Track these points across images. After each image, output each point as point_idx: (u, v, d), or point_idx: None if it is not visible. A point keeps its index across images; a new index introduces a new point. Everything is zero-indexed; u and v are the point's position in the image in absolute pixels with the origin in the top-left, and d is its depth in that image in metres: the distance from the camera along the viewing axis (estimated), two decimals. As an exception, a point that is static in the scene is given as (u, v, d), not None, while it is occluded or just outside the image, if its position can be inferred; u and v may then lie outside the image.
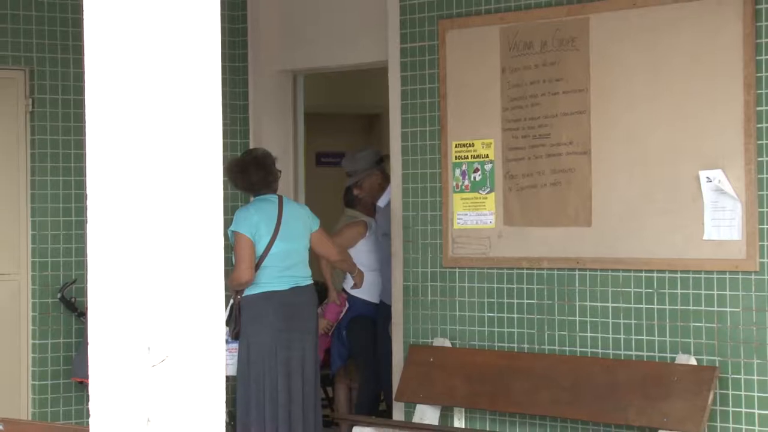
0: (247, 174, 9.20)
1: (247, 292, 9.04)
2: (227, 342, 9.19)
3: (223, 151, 4.40)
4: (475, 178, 9.37)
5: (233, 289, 9.07)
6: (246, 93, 10.84)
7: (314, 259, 9.47)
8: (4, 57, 9.95)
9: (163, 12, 4.32)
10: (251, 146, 10.70)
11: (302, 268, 9.17)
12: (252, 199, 9.35)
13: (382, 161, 10.17)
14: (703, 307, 8.32)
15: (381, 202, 10.04)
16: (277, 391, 8.96)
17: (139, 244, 4.30)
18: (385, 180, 10.09)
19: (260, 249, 9.00)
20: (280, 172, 9.41)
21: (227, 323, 9.07)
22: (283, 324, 9.03)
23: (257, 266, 9.01)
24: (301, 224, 9.18)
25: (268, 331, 9.01)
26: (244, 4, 10.87)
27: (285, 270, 9.08)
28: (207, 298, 4.39)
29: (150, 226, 4.30)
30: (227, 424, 4.82)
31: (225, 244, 4.35)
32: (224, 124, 4.49)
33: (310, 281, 9.21)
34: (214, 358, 4.38)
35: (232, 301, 9.13)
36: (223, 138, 4.42)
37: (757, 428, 8.11)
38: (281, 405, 8.97)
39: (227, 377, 9.47)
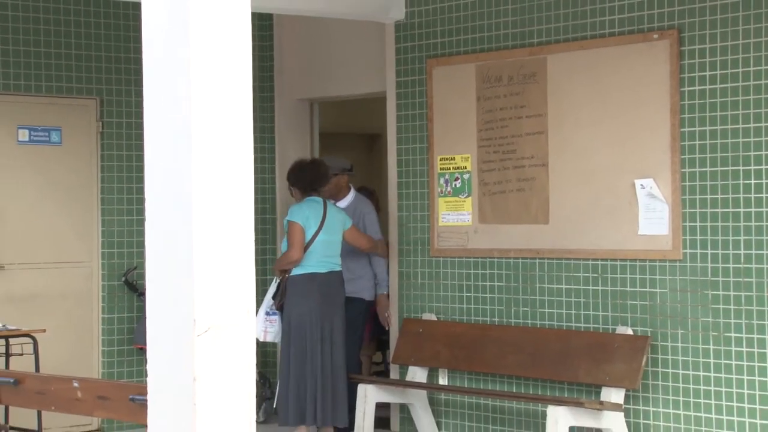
0: (304, 172, 9.31)
1: (294, 272, 9.11)
2: (269, 314, 9.22)
3: (254, 164, 4.39)
4: (455, 185, 9.37)
5: (284, 267, 9.15)
6: (272, 117, 10.84)
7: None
8: (80, 88, 9.96)
9: (206, 52, 4.32)
10: (277, 160, 10.74)
11: (336, 256, 9.25)
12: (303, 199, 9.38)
13: (350, 170, 10.10)
14: (638, 288, 8.32)
15: (342, 204, 9.96)
16: (314, 352, 9.01)
17: (187, 238, 4.30)
18: (347, 186, 10.03)
19: (307, 237, 9.07)
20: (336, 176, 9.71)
21: (274, 297, 9.14)
22: (321, 300, 9.10)
23: (304, 251, 9.08)
24: (338, 222, 9.25)
25: (310, 304, 9.08)
26: (271, 46, 10.87)
27: (324, 257, 9.16)
28: (240, 281, 4.38)
29: (195, 224, 4.29)
30: (256, 382, 4.80)
31: (259, 238, 4.38)
32: (254, 141, 4.48)
33: (340, 267, 9.25)
34: (246, 329, 4.37)
35: (277, 279, 9.18)
36: (254, 153, 4.41)
37: (681, 385, 8.11)
38: (317, 363, 9.01)
39: (265, 343, 9.47)
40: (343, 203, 9.88)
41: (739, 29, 7.79)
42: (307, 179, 9.31)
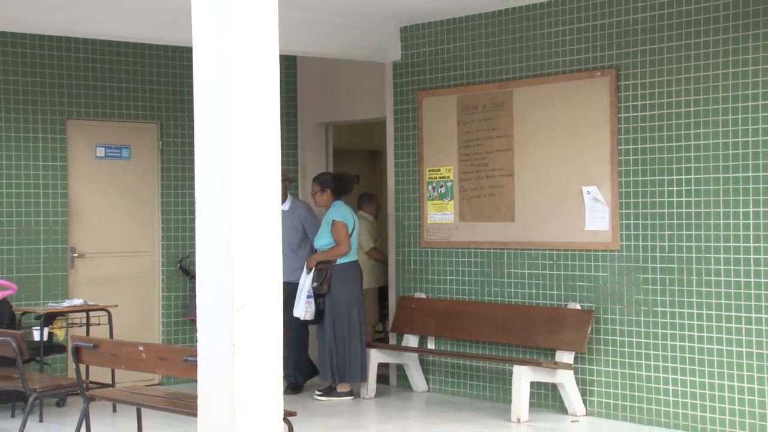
0: (340, 181, 9.34)
1: (339, 261, 9.12)
2: (308, 297, 9.14)
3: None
4: (441, 191, 9.36)
5: (334, 258, 9.09)
6: (296, 137, 10.84)
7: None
8: (145, 115, 9.96)
9: (243, 86, 4.32)
10: (299, 171, 10.72)
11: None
12: (333, 202, 9.32)
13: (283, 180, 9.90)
14: (584, 273, 8.32)
15: (284, 207, 9.75)
16: (358, 324, 9.10)
17: (228, 232, 4.30)
18: (286, 192, 9.68)
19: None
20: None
21: (321, 282, 9.05)
22: (359, 283, 9.24)
23: None
24: (357, 220, 9.30)
25: (354, 286, 9.18)
26: (295, 81, 10.87)
27: (355, 248, 9.22)
28: (270, 268, 4.39)
29: (234, 222, 4.30)
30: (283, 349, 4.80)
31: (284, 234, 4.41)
32: (282, 156, 4.48)
33: None
34: (274, 305, 4.37)
35: (310, 270, 9.11)
36: (282, 165, 4.41)
37: (618, 349, 8.11)
38: (359, 333, 9.10)
39: (302, 320, 9.33)
40: (286, 206, 9.68)
41: (664, 68, 7.79)
42: (344, 188, 9.34)
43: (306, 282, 9.12)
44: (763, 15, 7.27)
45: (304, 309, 9.10)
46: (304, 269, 9.19)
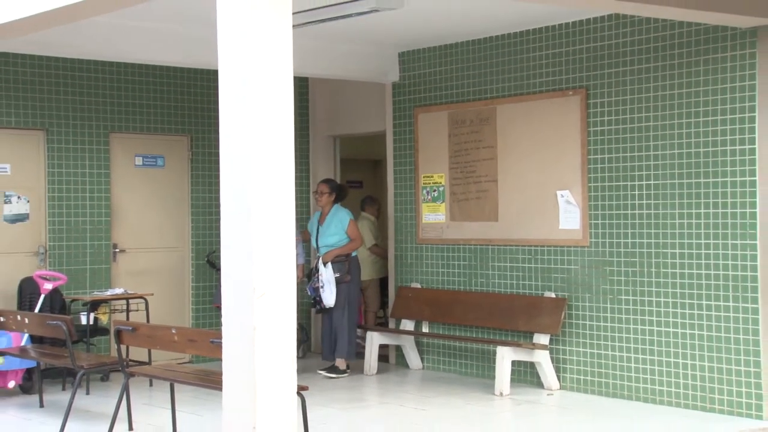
0: (342, 190, 9.39)
1: (353, 254, 9.18)
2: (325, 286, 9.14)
3: (295, 181, 4.41)
4: (434, 195, 9.38)
5: (352, 251, 9.14)
6: (308, 148, 10.85)
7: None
8: (177, 129, 9.97)
9: (262, 104, 4.35)
10: (311, 179, 10.73)
11: None
12: (335, 205, 9.35)
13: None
14: (558, 266, 8.34)
15: None
16: (358, 306, 9.23)
17: (248, 231, 4.32)
18: None
19: None
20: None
21: (344, 272, 9.07)
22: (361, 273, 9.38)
23: None
24: None
25: (360, 275, 9.32)
26: (307, 99, 10.88)
27: None
28: (285, 261, 4.41)
29: (254, 222, 4.32)
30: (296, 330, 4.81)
31: (297, 231, 4.40)
32: (295, 165, 4.51)
33: None
34: (289, 294, 4.39)
35: (325, 265, 9.07)
36: (295, 173, 4.43)
37: (588, 332, 8.12)
38: (357, 315, 9.21)
39: (323, 307, 9.32)
40: None
41: (627, 89, 7.81)
42: (343, 196, 9.40)
43: (328, 274, 9.09)
44: (712, 42, 7.30)
45: (333, 299, 9.09)
46: (320, 264, 9.17)
